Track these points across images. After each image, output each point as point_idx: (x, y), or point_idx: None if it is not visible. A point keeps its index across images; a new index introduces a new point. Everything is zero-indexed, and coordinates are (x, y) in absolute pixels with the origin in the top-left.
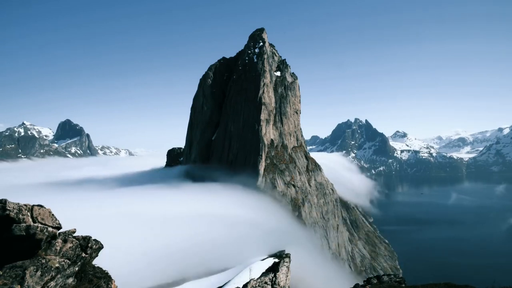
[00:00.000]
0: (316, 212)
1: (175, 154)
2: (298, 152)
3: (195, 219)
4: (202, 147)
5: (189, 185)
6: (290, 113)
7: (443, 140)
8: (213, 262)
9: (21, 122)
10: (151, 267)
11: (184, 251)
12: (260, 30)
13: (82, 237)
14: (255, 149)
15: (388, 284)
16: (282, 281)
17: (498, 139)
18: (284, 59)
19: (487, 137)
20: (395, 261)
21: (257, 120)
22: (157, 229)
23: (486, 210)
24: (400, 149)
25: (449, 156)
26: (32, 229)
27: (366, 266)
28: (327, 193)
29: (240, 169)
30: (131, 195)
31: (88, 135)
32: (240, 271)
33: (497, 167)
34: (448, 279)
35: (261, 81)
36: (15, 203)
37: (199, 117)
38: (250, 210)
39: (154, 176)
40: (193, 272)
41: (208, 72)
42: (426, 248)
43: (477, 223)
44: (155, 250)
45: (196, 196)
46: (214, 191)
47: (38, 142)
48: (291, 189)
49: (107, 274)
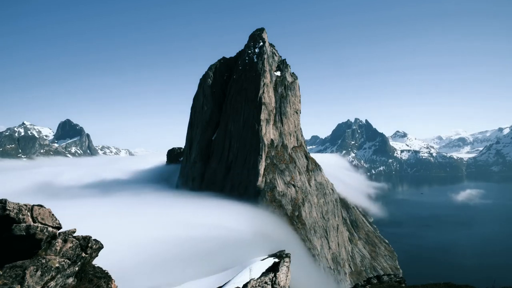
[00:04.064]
0: (316, 212)
1: (175, 154)
2: (298, 152)
3: (194, 220)
4: (202, 147)
5: (188, 189)
6: (290, 113)
7: (443, 140)
8: (213, 262)
9: (21, 122)
10: (151, 267)
11: (184, 251)
12: (260, 30)
13: (82, 237)
14: (255, 149)
15: (388, 284)
16: (282, 281)
17: (498, 139)
18: (284, 59)
19: (487, 137)
20: (395, 261)
21: (257, 120)
22: (157, 230)
23: (486, 210)
24: (400, 149)
25: (449, 156)
26: (32, 229)
27: (366, 266)
28: (327, 193)
29: (240, 170)
30: (131, 195)
31: (88, 135)
32: (240, 271)
33: (497, 167)
34: (448, 279)
35: (261, 81)
36: (15, 203)
37: (199, 117)
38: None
39: (154, 176)
40: (193, 272)
41: (208, 72)
42: (426, 248)
43: (477, 223)
44: (155, 250)
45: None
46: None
47: (38, 142)
48: (291, 189)
49: (107, 274)
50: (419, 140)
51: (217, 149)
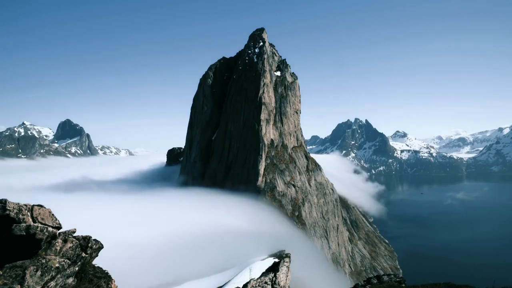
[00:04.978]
0: (316, 212)
1: (175, 154)
2: (298, 152)
3: (194, 220)
4: (202, 147)
5: (188, 188)
6: (290, 113)
7: (443, 140)
8: (213, 262)
9: (21, 122)
10: (151, 267)
11: (184, 251)
12: (260, 30)
13: (82, 237)
14: (255, 149)
15: (388, 284)
16: (282, 281)
17: (498, 139)
18: (284, 59)
19: (487, 137)
20: (395, 261)
21: (257, 120)
22: (157, 229)
23: (486, 209)
24: (400, 149)
25: (449, 156)
26: (32, 229)
27: (366, 266)
28: (327, 193)
29: (240, 170)
30: (131, 195)
31: (88, 135)
32: (240, 271)
33: (497, 167)
34: (448, 279)
35: (261, 81)
36: (15, 203)
37: (199, 117)
38: (248, 214)
39: (154, 176)
40: (193, 272)
41: (208, 72)
42: (426, 248)
43: (478, 222)
44: (155, 250)
45: (195, 199)
46: (212, 195)
47: (38, 142)
48: (291, 189)
49: (107, 274)
50: (419, 140)
51: (217, 149)
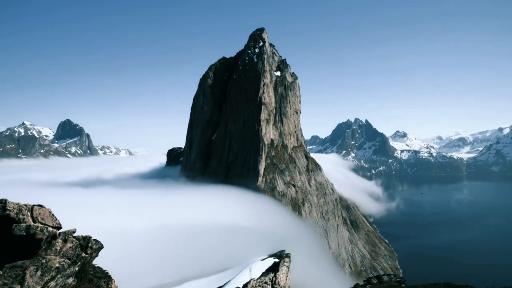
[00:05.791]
0: (316, 212)
1: (175, 154)
2: (298, 152)
3: (194, 219)
4: (202, 147)
5: (189, 186)
6: (290, 113)
7: (443, 140)
8: (213, 262)
9: (21, 122)
10: (151, 267)
11: (184, 251)
12: (260, 30)
13: (82, 237)
14: (255, 149)
15: (388, 284)
16: (282, 281)
17: (498, 139)
18: (284, 59)
19: (487, 137)
20: (395, 261)
21: (257, 120)
22: (157, 229)
23: (486, 210)
24: (400, 149)
25: (449, 156)
26: (32, 229)
27: (366, 266)
28: (327, 193)
29: (240, 170)
30: (131, 195)
31: (88, 135)
32: (240, 271)
33: (497, 167)
34: (448, 279)
35: (261, 81)
36: (15, 203)
37: (199, 117)
38: (249, 210)
39: (154, 176)
40: (193, 272)
41: (208, 72)
42: (426, 248)
43: (477, 223)
44: (155, 250)
45: (196, 197)
46: (213, 192)
47: (38, 142)
48: (291, 189)
49: (107, 274)
50: (419, 140)
51: (217, 149)
